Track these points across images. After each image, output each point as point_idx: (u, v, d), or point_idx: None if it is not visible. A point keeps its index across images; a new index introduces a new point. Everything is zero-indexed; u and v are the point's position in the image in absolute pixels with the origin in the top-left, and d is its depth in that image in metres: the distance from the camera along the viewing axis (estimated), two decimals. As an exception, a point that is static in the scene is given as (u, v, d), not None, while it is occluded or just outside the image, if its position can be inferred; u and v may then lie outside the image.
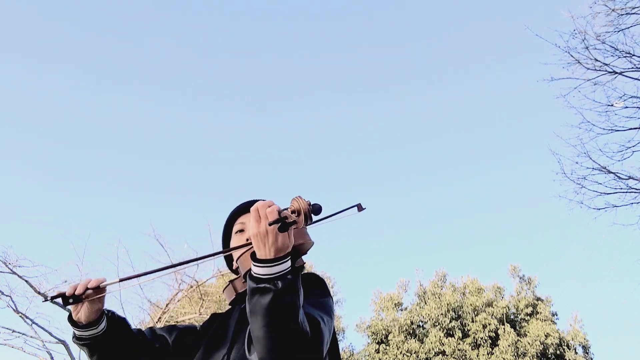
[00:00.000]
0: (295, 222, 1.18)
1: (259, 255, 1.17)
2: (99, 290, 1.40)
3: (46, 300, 1.43)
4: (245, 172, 33.86)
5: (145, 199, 29.99)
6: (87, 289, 1.38)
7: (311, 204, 1.25)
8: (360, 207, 1.41)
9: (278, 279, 1.13)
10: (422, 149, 36.48)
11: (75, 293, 1.37)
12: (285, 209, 1.23)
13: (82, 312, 1.41)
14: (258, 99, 35.53)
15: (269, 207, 1.18)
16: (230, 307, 1.66)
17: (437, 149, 35.93)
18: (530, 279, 22.95)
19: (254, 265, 1.16)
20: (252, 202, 1.66)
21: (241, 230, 1.62)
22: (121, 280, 1.38)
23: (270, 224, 1.14)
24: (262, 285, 1.13)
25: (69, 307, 1.41)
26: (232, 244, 1.63)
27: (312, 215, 1.25)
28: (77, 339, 1.46)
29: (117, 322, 1.50)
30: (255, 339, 1.16)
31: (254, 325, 1.15)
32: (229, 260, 1.72)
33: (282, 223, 1.15)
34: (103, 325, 1.45)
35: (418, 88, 37.15)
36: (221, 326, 1.58)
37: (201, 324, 1.70)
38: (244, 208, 1.67)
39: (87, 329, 1.43)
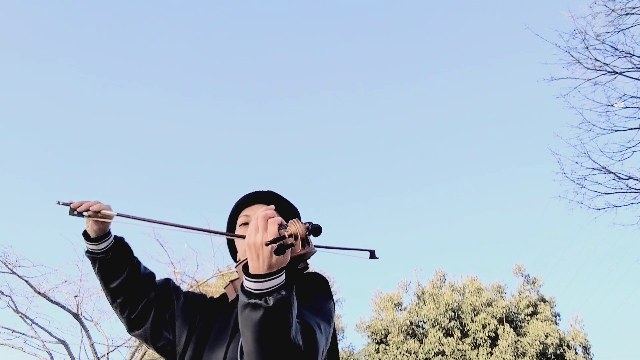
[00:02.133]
0: (292, 245, 1.14)
1: (251, 268, 1.13)
2: (97, 214, 1.55)
3: (58, 203, 1.57)
4: (246, 172, 33.86)
5: (145, 199, 29.99)
6: (89, 209, 1.55)
7: (310, 226, 1.19)
8: (373, 255, 1.38)
9: (270, 294, 1.10)
10: (422, 149, 36.50)
11: (78, 209, 1.55)
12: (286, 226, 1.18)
13: (89, 226, 1.59)
14: (258, 98, 35.52)
15: (271, 220, 1.13)
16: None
17: (437, 149, 35.95)
18: (535, 279, 22.91)
19: (246, 279, 1.13)
20: (257, 194, 1.65)
21: (245, 224, 1.58)
22: (118, 215, 1.55)
23: (266, 244, 1.10)
24: (253, 300, 1.10)
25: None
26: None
27: (309, 238, 1.19)
28: (86, 251, 1.64)
29: (123, 249, 1.66)
30: (247, 353, 1.14)
31: (244, 338, 1.14)
32: (233, 251, 1.71)
33: (279, 246, 1.10)
34: (105, 245, 1.61)
35: (417, 88, 37.17)
36: (224, 319, 1.55)
37: (211, 297, 1.74)
38: (248, 200, 1.64)
39: (92, 242, 1.60)
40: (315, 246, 1.37)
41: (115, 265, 1.63)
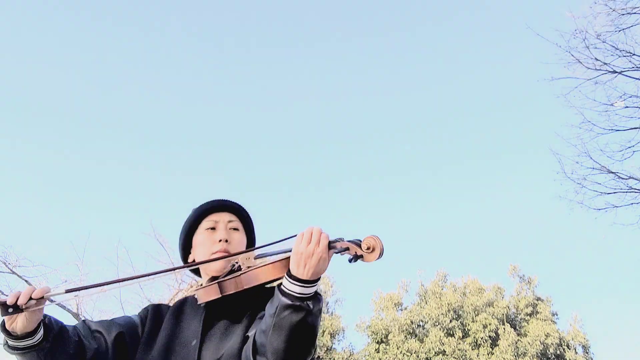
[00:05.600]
0: (347, 249, 1.30)
1: (297, 274, 1.24)
2: (42, 300, 1.30)
3: None
4: (246, 173, 33.88)
5: (146, 199, 30.02)
6: (31, 298, 1.28)
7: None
8: None
9: (310, 299, 1.22)
10: (422, 149, 36.49)
11: (17, 303, 1.27)
12: (337, 240, 1.32)
13: (18, 323, 1.29)
14: (259, 99, 35.52)
15: (322, 234, 1.27)
16: (174, 304, 1.64)
17: (437, 149, 35.94)
18: (530, 279, 22.99)
19: (292, 283, 1.24)
20: (225, 202, 1.68)
21: (212, 228, 1.62)
22: (67, 292, 1.32)
23: (350, 261, 1.29)
24: (297, 303, 1.21)
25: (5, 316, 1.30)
26: (200, 239, 1.62)
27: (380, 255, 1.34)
28: (10, 347, 1.33)
29: (55, 329, 1.39)
30: (273, 350, 1.23)
31: (275, 337, 1.22)
32: (186, 250, 1.68)
33: (354, 257, 1.29)
34: (40, 335, 1.33)
35: (417, 89, 37.17)
36: (183, 324, 1.55)
37: (139, 314, 1.62)
38: (216, 206, 1.66)
39: (22, 339, 1.32)
40: (257, 247, 1.54)
41: (53, 349, 1.36)
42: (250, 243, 1.71)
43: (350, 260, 1.29)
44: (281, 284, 1.28)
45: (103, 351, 1.45)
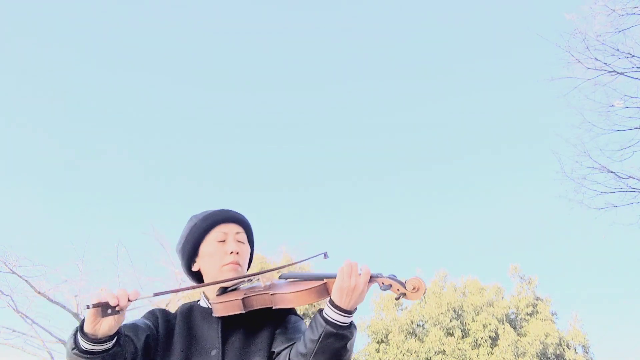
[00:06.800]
0: (390, 286, 1.39)
1: (341, 304, 1.33)
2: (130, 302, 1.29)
3: (88, 307, 1.24)
4: (246, 173, 33.87)
5: (146, 199, 30.01)
6: (128, 300, 1.27)
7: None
8: (325, 255, 1.69)
9: (348, 328, 1.34)
10: (422, 148, 36.49)
11: (120, 304, 1.24)
12: (378, 275, 1.40)
13: (104, 325, 1.26)
14: (259, 100, 35.51)
15: (363, 267, 1.37)
16: (180, 309, 1.64)
17: (437, 149, 35.94)
18: (530, 279, 23.00)
19: (335, 312, 1.33)
20: (234, 213, 1.69)
21: (223, 241, 1.63)
22: (155, 295, 1.42)
23: (383, 289, 1.39)
24: (341, 332, 1.32)
25: (87, 317, 1.26)
26: (210, 250, 1.62)
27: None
28: (82, 352, 1.27)
29: (122, 332, 1.37)
30: None
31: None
32: (190, 258, 1.66)
33: (401, 295, 1.40)
34: (116, 338, 1.31)
35: (417, 89, 37.15)
36: (196, 333, 1.56)
37: (148, 319, 1.59)
38: (225, 218, 1.67)
39: (101, 343, 1.27)
40: (281, 267, 1.66)
41: (119, 355, 1.34)
42: (251, 255, 1.73)
43: (396, 299, 1.42)
44: (322, 310, 1.36)
45: (134, 356, 1.43)
